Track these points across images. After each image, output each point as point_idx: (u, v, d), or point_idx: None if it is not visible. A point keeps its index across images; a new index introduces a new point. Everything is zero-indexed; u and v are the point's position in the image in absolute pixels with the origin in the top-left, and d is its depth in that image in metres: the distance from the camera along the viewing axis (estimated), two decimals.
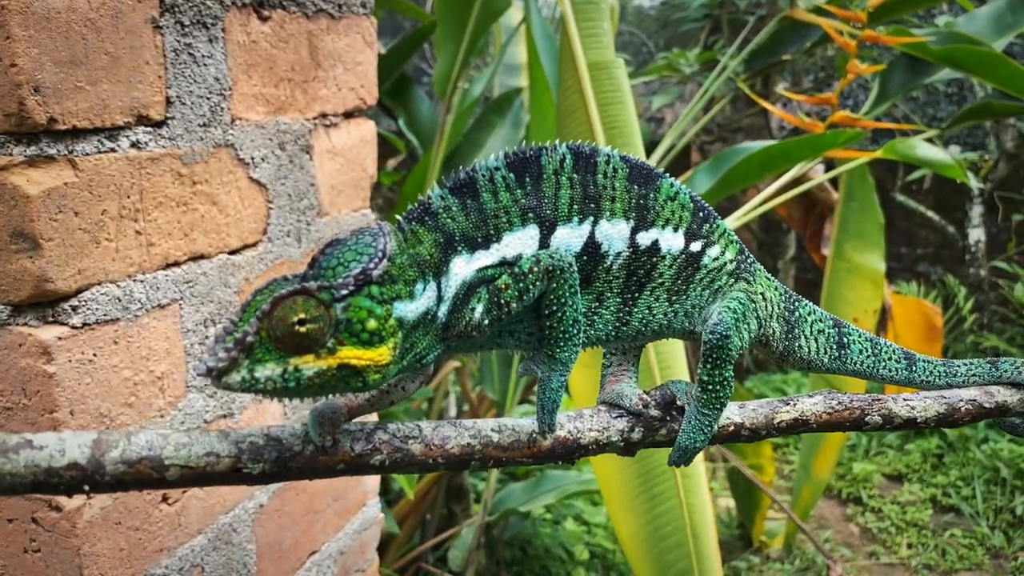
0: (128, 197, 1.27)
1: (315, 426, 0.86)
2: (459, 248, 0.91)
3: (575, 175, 0.95)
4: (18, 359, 1.20)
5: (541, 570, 4.48)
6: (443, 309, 0.89)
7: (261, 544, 1.62)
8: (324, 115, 1.67)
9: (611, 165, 0.97)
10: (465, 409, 4.58)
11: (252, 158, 1.49)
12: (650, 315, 1.02)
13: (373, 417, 1.88)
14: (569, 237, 0.94)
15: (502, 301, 0.89)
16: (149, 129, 1.30)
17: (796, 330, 1.14)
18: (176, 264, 1.37)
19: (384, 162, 5.24)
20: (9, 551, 1.29)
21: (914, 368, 1.20)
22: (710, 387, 1.00)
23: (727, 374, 1.00)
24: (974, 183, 3.85)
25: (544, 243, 0.93)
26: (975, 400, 1.15)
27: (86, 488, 0.75)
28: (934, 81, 4.12)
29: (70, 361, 1.21)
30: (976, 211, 6.40)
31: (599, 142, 2.16)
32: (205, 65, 1.38)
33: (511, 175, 0.93)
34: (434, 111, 4.45)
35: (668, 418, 1.01)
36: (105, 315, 1.26)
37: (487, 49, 5.51)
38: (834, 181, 4.47)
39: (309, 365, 0.79)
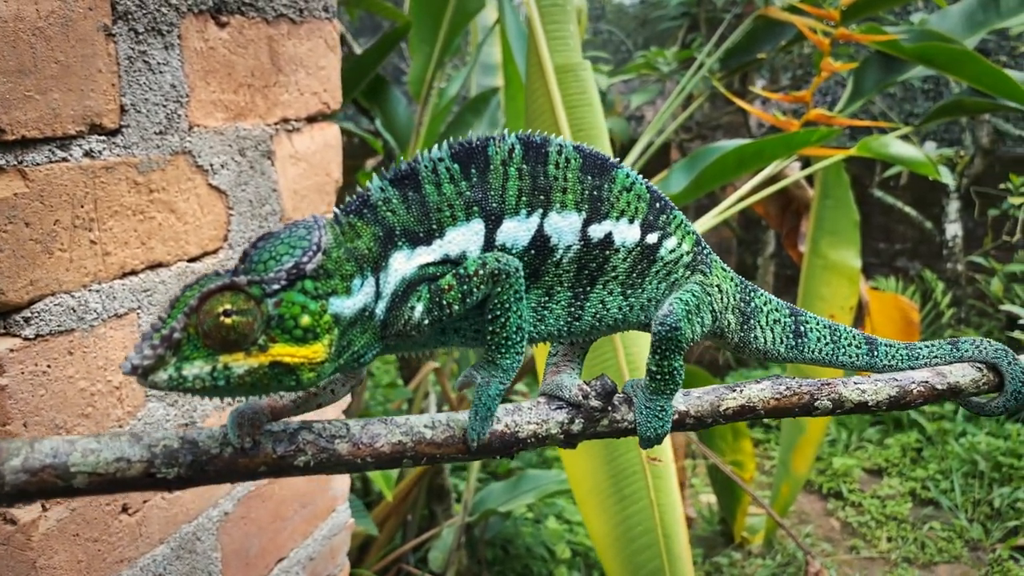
0: (82, 207, 1.26)
1: (234, 427, 0.82)
2: (399, 243, 0.88)
3: (524, 166, 0.92)
4: None
5: (523, 569, 4.49)
6: (381, 306, 0.86)
7: (227, 552, 1.61)
8: (286, 120, 1.66)
9: (563, 155, 0.94)
10: (445, 409, 4.58)
11: (211, 165, 1.48)
12: (604, 309, 0.99)
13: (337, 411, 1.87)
14: (516, 231, 0.91)
15: (444, 302, 0.86)
16: (103, 138, 1.29)
17: (752, 320, 1.12)
18: (133, 273, 1.36)
19: (362, 162, 5.23)
20: None
21: (876, 353, 1.18)
22: (659, 376, 0.98)
23: (676, 363, 0.98)
24: (949, 179, 3.87)
25: (490, 238, 0.90)
26: (927, 382, 1.12)
27: None
28: (909, 78, 4.14)
29: (23, 373, 1.20)
30: (953, 207, 6.45)
31: None
32: (161, 72, 1.37)
33: (456, 166, 0.90)
34: (411, 111, 4.44)
35: (609, 408, 0.98)
36: (59, 326, 1.25)
37: (464, 48, 5.51)
38: (810, 178, 4.49)
39: (239, 363, 0.76)
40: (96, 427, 1.32)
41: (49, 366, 1.24)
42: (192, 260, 1.47)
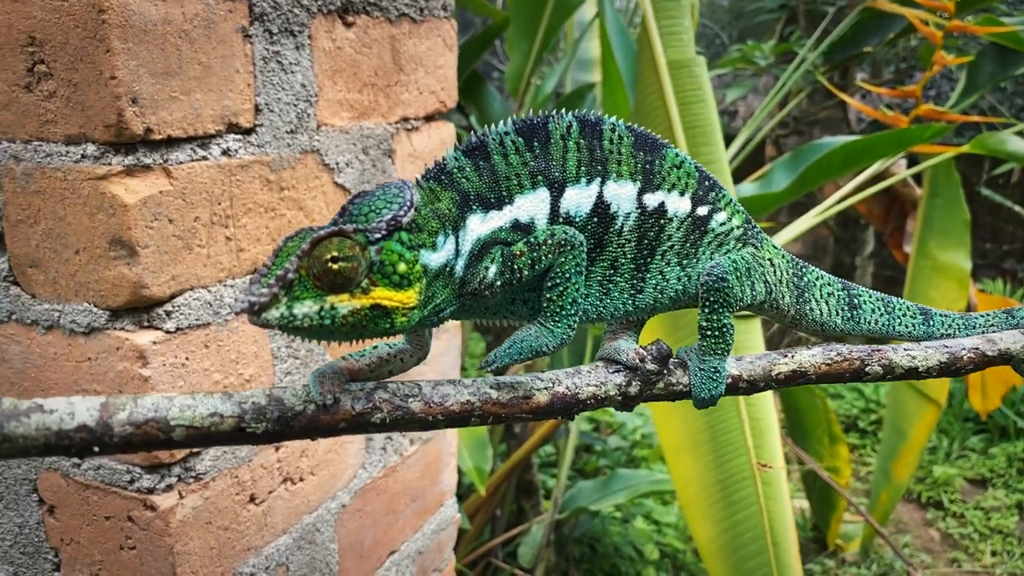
0: (219, 204, 1.30)
1: (316, 385, 0.88)
2: (474, 207, 0.94)
3: (582, 140, 0.99)
4: (115, 363, 1.24)
5: (611, 568, 4.46)
6: (460, 263, 0.93)
7: (343, 544, 1.64)
8: (406, 119, 1.68)
9: (616, 133, 1.01)
10: None
11: (337, 163, 1.50)
12: (664, 281, 1.04)
13: None
14: (579, 198, 0.98)
15: (515, 267, 0.92)
16: (239, 136, 1.32)
17: (806, 294, 1.16)
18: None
19: None
20: (106, 547, 1.34)
21: (931, 322, 1.21)
22: (708, 333, 1.02)
23: (726, 320, 1.02)
24: None
25: (555, 205, 0.97)
26: (977, 348, 1.13)
27: (96, 449, 0.77)
28: None
29: (164, 365, 1.24)
30: None
31: (679, 141, 2.13)
32: (292, 72, 1.39)
33: (520, 139, 0.97)
34: (505, 107, 4.45)
35: (665, 371, 1.01)
36: (197, 320, 1.29)
37: (558, 45, 5.49)
38: (917, 176, 4.32)
39: (344, 303, 0.82)
40: None
41: (187, 358, 1.28)
42: None
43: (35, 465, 1.36)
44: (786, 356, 1.07)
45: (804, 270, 1.17)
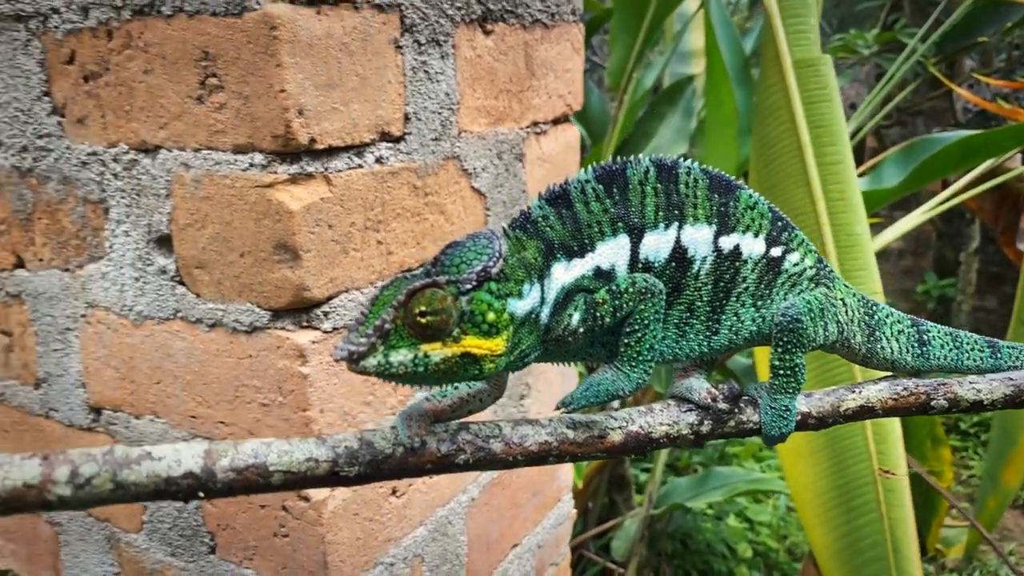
0: (372, 210, 1.35)
1: (404, 428, 0.91)
2: (558, 255, 0.97)
3: (659, 184, 1.01)
4: (276, 360, 1.30)
5: (703, 565, 4.44)
6: (545, 311, 0.95)
7: (472, 536, 1.69)
8: (536, 123, 1.71)
9: (692, 176, 1.02)
10: None
11: (474, 168, 1.54)
12: (739, 322, 1.05)
13: None
14: (657, 244, 1.00)
15: (598, 314, 0.95)
16: (390, 145, 1.37)
17: (877, 332, 1.17)
18: (409, 271, 1.44)
19: None
20: (260, 534, 1.41)
21: (999, 355, 1.21)
22: (781, 372, 1.03)
23: (798, 360, 1.03)
24: None
25: (634, 251, 0.99)
26: None
27: (201, 495, 0.80)
28: None
29: (321, 363, 1.30)
30: None
31: (803, 141, 2.11)
32: (437, 81, 1.44)
33: (600, 186, 0.99)
34: (603, 101, 4.44)
35: (736, 410, 1.03)
36: (351, 321, 1.34)
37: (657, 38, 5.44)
38: None
39: (437, 352, 0.85)
40: (375, 414, 1.42)
41: None
42: None
43: None
44: (853, 391, 1.09)
45: (874, 308, 1.18)
